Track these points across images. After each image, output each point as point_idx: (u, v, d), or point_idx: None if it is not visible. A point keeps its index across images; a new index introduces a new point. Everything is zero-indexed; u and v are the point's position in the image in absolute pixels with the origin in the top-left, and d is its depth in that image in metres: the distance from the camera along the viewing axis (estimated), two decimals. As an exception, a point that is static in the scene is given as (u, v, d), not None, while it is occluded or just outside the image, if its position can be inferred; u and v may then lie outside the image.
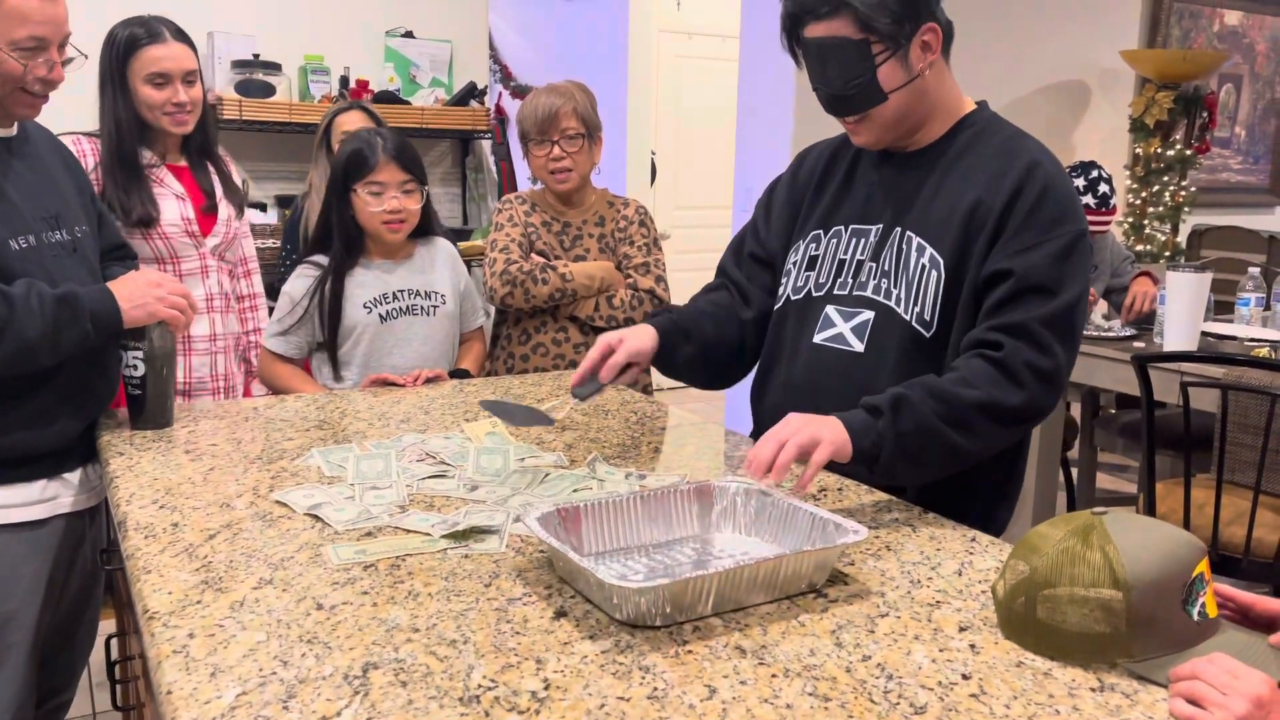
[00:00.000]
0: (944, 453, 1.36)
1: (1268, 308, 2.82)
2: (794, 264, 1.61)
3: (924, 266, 1.45)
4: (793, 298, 1.59)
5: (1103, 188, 3.00)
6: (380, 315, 2.11)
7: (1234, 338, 2.77)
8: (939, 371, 1.43)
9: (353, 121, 2.59)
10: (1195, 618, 0.94)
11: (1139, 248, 4.94)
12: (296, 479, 1.47)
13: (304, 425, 1.75)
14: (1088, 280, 1.43)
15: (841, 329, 1.52)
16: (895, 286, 1.48)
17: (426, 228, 2.19)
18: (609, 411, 1.87)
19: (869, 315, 1.49)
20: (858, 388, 1.43)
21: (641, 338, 1.56)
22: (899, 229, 1.49)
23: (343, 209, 2.10)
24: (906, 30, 1.40)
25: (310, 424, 1.76)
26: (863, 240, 1.53)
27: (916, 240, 1.47)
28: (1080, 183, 3.01)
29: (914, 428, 1.32)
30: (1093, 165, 3.05)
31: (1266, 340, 2.66)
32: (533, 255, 2.29)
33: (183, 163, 2.21)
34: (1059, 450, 2.99)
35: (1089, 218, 2.97)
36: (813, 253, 1.58)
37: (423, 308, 2.16)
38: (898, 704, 0.90)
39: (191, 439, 1.67)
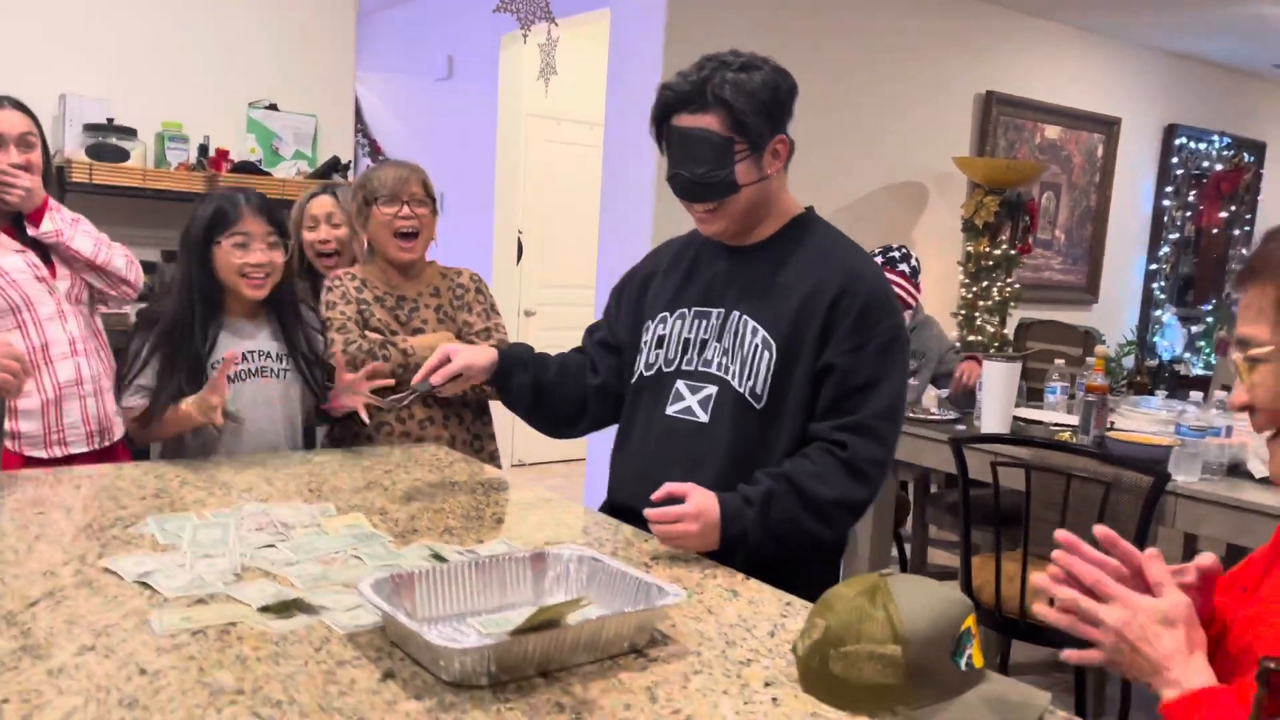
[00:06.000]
0: (803, 539, 1.58)
1: (1072, 396, 3.09)
2: (645, 342, 1.77)
3: (757, 346, 1.63)
4: (645, 373, 1.75)
5: (903, 260, 3.36)
6: (229, 376, 2.09)
7: (1041, 422, 3.03)
8: (767, 439, 1.62)
9: None
10: (963, 668, 1.05)
11: (971, 338, 5.31)
12: (129, 547, 1.45)
13: (139, 494, 1.73)
14: (906, 366, 1.67)
15: (690, 402, 1.68)
16: (732, 363, 1.65)
17: (288, 301, 2.16)
18: (457, 484, 1.91)
19: (713, 390, 1.66)
20: (698, 453, 1.64)
21: (478, 354, 1.79)
22: (737, 313, 1.67)
23: (202, 267, 2.05)
24: (765, 136, 1.60)
25: (147, 492, 1.74)
26: (705, 321, 1.70)
27: (751, 323, 1.65)
28: (884, 258, 3.36)
29: (780, 517, 1.55)
30: (897, 246, 3.43)
31: (1068, 425, 2.92)
32: (367, 333, 2.25)
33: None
34: (891, 525, 3.17)
35: (905, 285, 3.30)
36: (660, 332, 1.74)
37: (274, 370, 2.15)
38: (700, 752, 0.97)
39: (17, 507, 1.62)
